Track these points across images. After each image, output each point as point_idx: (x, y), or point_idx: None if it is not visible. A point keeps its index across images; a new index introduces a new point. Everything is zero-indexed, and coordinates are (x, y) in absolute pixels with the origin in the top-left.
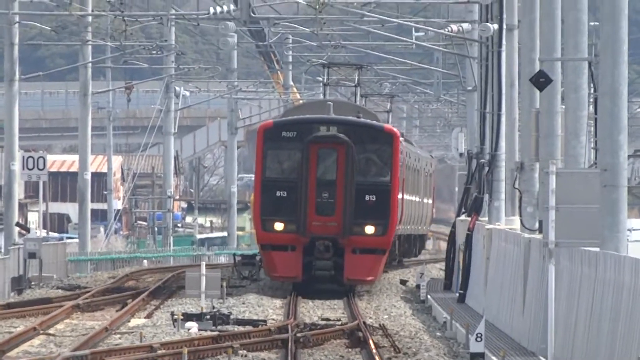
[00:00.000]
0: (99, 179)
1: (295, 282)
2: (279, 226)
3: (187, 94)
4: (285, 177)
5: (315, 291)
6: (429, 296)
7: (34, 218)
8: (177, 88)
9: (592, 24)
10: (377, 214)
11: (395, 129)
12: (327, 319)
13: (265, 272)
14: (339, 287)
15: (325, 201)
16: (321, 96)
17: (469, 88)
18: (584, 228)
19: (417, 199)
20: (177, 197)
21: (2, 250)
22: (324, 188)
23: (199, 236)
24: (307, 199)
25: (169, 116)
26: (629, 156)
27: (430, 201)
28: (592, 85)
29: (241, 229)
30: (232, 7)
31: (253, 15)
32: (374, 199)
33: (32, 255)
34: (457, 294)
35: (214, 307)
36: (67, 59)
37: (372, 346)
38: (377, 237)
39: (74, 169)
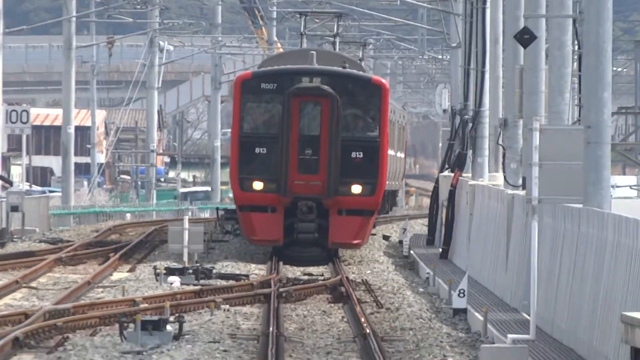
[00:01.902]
0: (83, 132)
1: (276, 245)
2: (258, 185)
3: (171, 48)
4: (265, 133)
5: (297, 257)
6: (411, 252)
7: (17, 171)
8: (161, 43)
9: None
10: (365, 173)
11: (384, 80)
12: (310, 274)
13: (242, 234)
14: (323, 251)
15: (308, 158)
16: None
17: (453, 45)
18: (567, 185)
19: (393, 154)
20: (160, 151)
21: None
22: (306, 144)
23: (182, 190)
24: (288, 156)
25: (153, 71)
26: (613, 113)
27: (402, 155)
28: (576, 42)
29: (224, 183)
30: None
31: None
32: (362, 156)
33: (14, 208)
34: (440, 250)
35: (196, 262)
36: (51, 13)
37: (355, 301)
38: (364, 197)
39: (58, 122)
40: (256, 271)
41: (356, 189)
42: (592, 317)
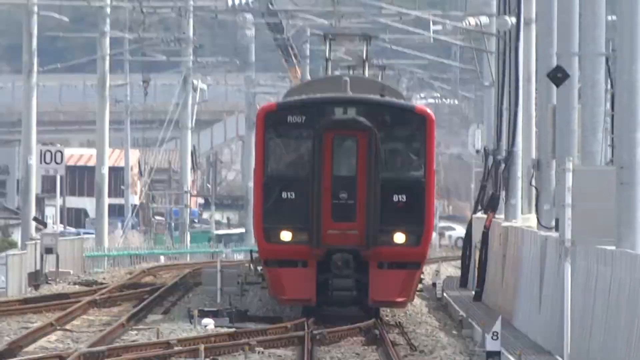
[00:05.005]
0: (117, 173)
1: (308, 305)
2: (286, 236)
3: (205, 87)
4: (293, 174)
5: (332, 317)
6: (445, 294)
7: (51, 213)
8: (195, 81)
9: (609, 18)
10: (409, 219)
11: (428, 110)
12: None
13: (269, 293)
14: (362, 311)
15: (343, 203)
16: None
17: (486, 84)
18: (600, 226)
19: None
20: (194, 192)
21: (20, 245)
22: (341, 187)
23: (216, 232)
24: (320, 201)
25: (187, 110)
26: None
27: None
28: (609, 80)
29: None
30: None
31: (271, 7)
32: (405, 199)
33: (49, 250)
34: (473, 292)
35: (230, 304)
36: (85, 51)
37: (389, 344)
38: (409, 248)
39: (92, 163)
40: (290, 313)
41: (399, 237)
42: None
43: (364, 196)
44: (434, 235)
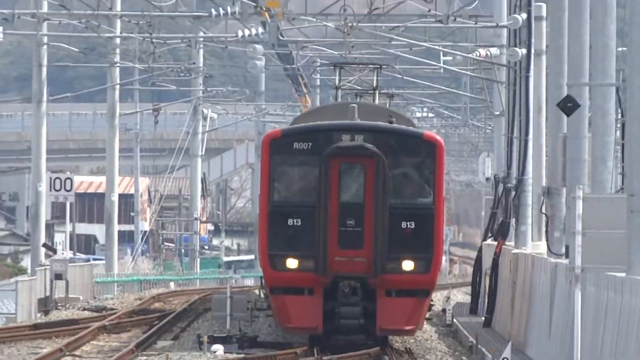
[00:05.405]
0: (126, 200)
1: (314, 333)
2: (292, 263)
3: (215, 116)
4: (299, 201)
5: (338, 346)
6: (455, 320)
7: (60, 239)
8: (205, 110)
9: (619, 49)
10: (418, 246)
11: (437, 137)
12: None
13: (275, 322)
14: (370, 339)
15: (350, 230)
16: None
17: (497, 113)
18: (611, 253)
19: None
20: (204, 219)
21: (29, 271)
22: (348, 214)
23: (225, 259)
24: (327, 228)
25: (197, 138)
26: None
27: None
28: (619, 110)
29: None
30: (260, 30)
31: (281, 38)
32: (413, 226)
33: (58, 276)
34: (483, 318)
35: (240, 330)
36: (95, 80)
37: None
38: (418, 275)
39: (101, 190)
40: (300, 339)
41: (408, 265)
42: None
43: (371, 223)
44: (444, 261)
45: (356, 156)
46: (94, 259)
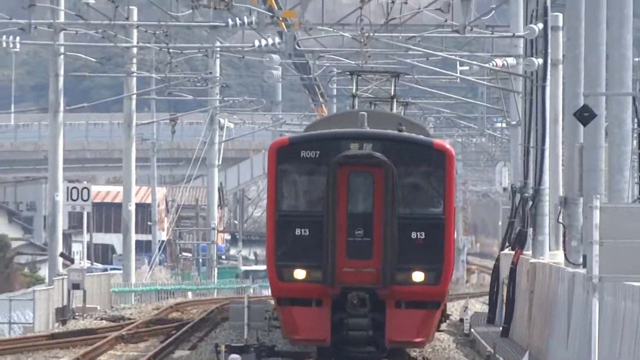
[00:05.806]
0: (143, 210)
1: (322, 345)
2: (299, 274)
3: (232, 126)
4: (306, 210)
5: (350, 357)
6: (472, 330)
7: (78, 249)
8: (222, 120)
9: (636, 59)
10: (428, 257)
11: (448, 145)
12: (371, 352)
13: (283, 333)
14: (379, 351)
15: (359, 241)
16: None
17: (513, 122)
18: (628, 263)
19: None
20: (221, 228)
21: (47, 280)
22: (357, 224)
23: (243, 268)
24: (335, 238)
25: (213, 148)
26: None
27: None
28: (636, 120)
29: None
30: (277, 39)
31: (298, 48)
32: (423, 236)
33: (76, 286)
34: (501, 328)
35: (257, 339)
36: (111, 90)
37: None
38: (428, 287)
39: (118, 199)
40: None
41: (418, 276)
42: None
43: (380, 233)
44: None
45: (364, 165)
46: (112, 269)
